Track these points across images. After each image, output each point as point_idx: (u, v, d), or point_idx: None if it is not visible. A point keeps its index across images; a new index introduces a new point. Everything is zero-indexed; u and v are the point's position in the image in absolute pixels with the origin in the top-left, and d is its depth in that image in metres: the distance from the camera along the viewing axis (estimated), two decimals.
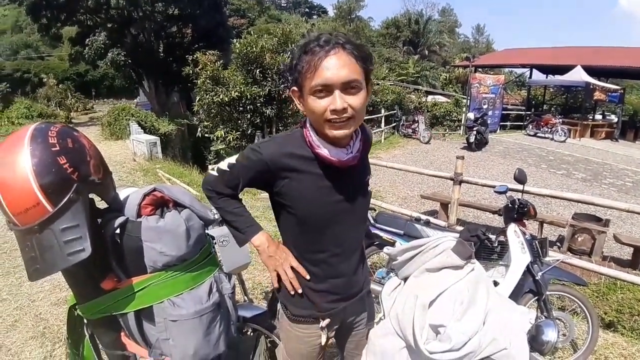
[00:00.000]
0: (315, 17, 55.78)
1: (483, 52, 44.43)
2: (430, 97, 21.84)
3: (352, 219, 1.28)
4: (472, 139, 13.18)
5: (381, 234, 3.30)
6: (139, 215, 1.16)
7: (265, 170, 1.16)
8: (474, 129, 13.19)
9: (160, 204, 1.20)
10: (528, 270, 2.70)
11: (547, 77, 21.43)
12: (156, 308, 1.15)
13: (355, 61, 1.07)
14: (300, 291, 1.23)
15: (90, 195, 1.08)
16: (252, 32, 13.32)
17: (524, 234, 2.85)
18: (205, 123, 10.59)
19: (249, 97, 9.63)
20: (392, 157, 12.44)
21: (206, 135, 11.17)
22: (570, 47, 22.72)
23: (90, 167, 1.04)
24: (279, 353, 1.47)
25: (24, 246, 0.99)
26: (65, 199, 0.97)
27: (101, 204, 1.21)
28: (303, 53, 1.10)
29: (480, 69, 20.68)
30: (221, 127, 10.27)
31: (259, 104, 9.93)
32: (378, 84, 19.09)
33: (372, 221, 3.37)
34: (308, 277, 1.23)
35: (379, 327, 1.32)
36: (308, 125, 1.18)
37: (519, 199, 2.92)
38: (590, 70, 16.48)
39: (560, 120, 16.06)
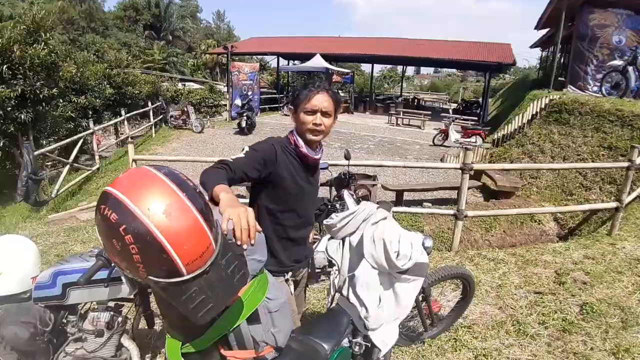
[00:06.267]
0: None
1: (225, 38, 45.92)
2: (182, 85, 21.90)
3: (312, 198, 1.95)
4: (243, 124, 13.87)
5: None
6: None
7: (272, 153, 1.71)
8: (244, 114, 14.01)
9: None
10: None
11: (288, 64, 24.66)
12: (260, 308, 1.28)
13: (330, 99, 1.76)
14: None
15: None
16: None
17: (352, 195, 3.91)
18: None
19: None
20: (172, 151, 12.03)
21: None
22: (309, 37, 26.65)
23: None
24: None
25: (189, 295, 0.95)
26: (219, 234, 0.99)
27: None
28: (303, 89, 1.82)
29: (233, 57, 21.95)
30: None
31: (9, 108, 8.18)
32: (125, 73, 16.78)
33: None
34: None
35: (360, 268, 1.88)
36: (295, 134, 1.82)
37: (348, 172, 3.94)
38: (326, 57, 20.10)
39: None
